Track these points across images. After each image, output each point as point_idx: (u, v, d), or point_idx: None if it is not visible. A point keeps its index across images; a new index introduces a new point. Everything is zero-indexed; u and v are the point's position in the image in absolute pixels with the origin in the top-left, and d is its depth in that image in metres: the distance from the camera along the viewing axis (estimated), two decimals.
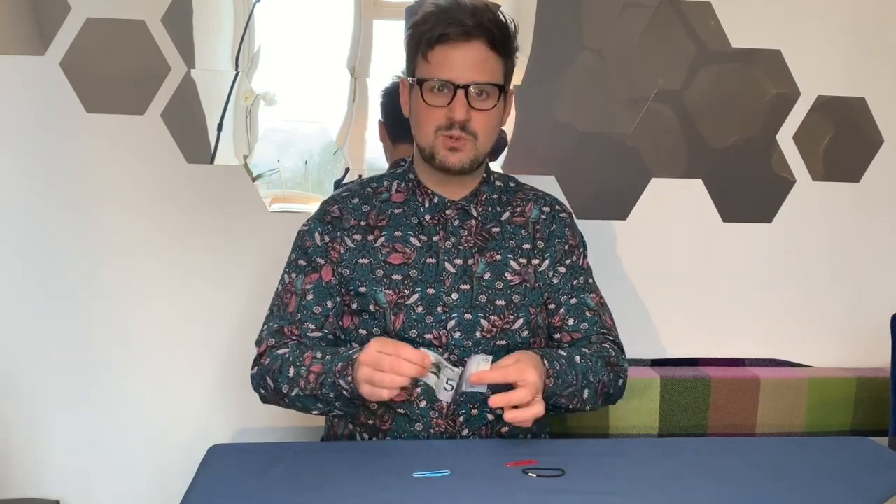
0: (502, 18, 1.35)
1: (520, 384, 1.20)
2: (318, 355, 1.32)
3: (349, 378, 1.24)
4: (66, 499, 1.95)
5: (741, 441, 1.48)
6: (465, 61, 1.32)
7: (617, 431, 1.88)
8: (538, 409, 1.22)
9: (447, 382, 1.19)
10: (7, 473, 1.92)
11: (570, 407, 1.36)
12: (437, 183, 1.43)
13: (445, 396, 1.20)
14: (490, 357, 1.22)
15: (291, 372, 1.32)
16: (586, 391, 1.36)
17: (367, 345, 1.21)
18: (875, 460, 1.30)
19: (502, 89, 1.36)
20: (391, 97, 1.87)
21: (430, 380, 1.19)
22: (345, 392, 1.26)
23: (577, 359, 1.36)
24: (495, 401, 1.20)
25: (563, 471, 1.19)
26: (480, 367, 1.20)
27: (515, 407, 1.21)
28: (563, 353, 1.36)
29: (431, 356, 1.20)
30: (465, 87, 1.32)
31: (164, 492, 1.89)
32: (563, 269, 1.46)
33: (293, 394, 1.33)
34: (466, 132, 1.34)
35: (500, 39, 1.34)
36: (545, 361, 1.28)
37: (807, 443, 1.56)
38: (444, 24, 1.31)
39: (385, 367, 1.17)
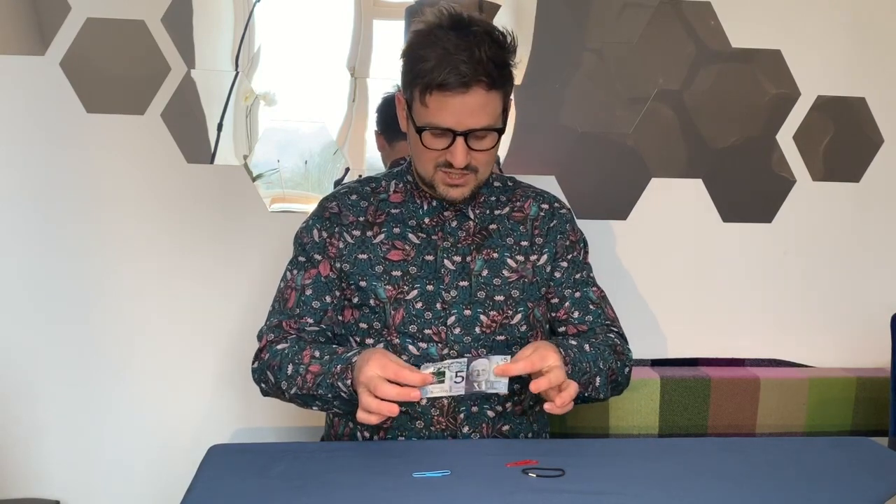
0: (500, 39, 1.31)
1: (546, 370, 1.21)
2: (317, 354, 1.32)
3: (349, 381, 1.25)
4: (66, 499, 1.95)
5: (741, 441, 1.48)
6: (463, 109, 1.29)
7: (617, 431, 1.88)
8: (574, 386, 1.23)
9: (457, 376, 1.20)
10: (7, 473, 1.92)
11: (585, 395, 1.36)
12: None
13: (458, 390, 1.20)
14: (508, 357, 1.22)
15: (290, 369, 1.33)
16: (598, 378, 1.37)
17: (371, 355, 1.21)
18: (875, 460, 1.30)
19: (501, 131, 1.35)
20: (386, 110, 1.87)
21: (438, 390, 1.20)
22: (343, 394, 1.27)
23: (587, 347, 1.37)
24: (538, 384, 1.20)
25: (563, 471, 1.19)
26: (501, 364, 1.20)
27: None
28: (573, 342, 1.37)
29: (432, 367, 1.21)
30: (465, 134, 1.30)
31: (164, 492, 1.90)
32: (564, 264, 1.47)
33: (292, 391, 1.34)
34: (467, 169, 1.33)
35: (499, 76, 1.30)
36: (560, 350, 1.28)
37: (807, 443, 1.56)
38: (442, 69, 1.26)
39: (390, 377, 1.18)
